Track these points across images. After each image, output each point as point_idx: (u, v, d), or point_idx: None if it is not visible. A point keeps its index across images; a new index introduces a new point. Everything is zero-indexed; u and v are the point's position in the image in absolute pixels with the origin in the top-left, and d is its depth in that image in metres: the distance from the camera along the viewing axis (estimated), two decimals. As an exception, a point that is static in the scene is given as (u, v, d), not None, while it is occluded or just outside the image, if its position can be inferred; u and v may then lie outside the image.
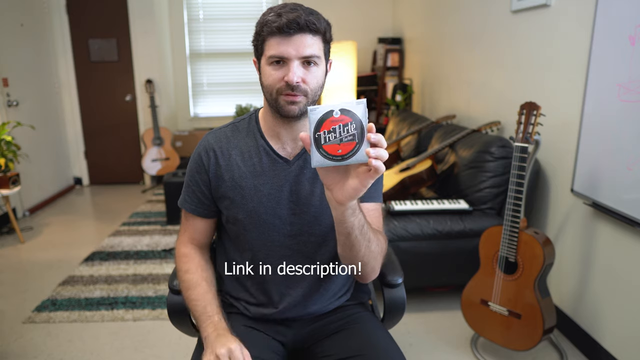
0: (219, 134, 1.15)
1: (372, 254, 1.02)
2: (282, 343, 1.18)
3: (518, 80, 2.46)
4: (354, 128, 0.79)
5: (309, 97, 1.02)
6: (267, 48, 1.01)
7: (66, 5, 4.52)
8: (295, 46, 0.97)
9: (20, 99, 3.85)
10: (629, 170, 1.63)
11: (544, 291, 1.81)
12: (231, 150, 1.12)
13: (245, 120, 1.17)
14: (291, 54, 0.98)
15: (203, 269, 1.15)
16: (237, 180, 1.11)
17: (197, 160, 1.14)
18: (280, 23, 0.96)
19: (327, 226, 1.12)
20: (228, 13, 5.05)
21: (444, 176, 2.61)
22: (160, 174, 4.72)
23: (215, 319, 1.05)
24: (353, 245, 0.98)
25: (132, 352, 2.07)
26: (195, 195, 1.15)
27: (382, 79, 4.67)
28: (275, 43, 0.98)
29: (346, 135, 0.80)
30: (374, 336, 1.12)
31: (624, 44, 1.64)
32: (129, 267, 2.92)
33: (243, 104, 4.72)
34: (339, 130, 0.80)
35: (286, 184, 1.10)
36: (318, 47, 1.01)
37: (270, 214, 1.10)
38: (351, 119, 0.79)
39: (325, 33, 1.01)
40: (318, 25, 0.99)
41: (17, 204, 3.80)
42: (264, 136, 1.12)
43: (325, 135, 0.80)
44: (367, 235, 0.98)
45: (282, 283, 1.15)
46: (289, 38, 0.97)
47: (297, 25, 0.96)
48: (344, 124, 0.80)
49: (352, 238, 0.96)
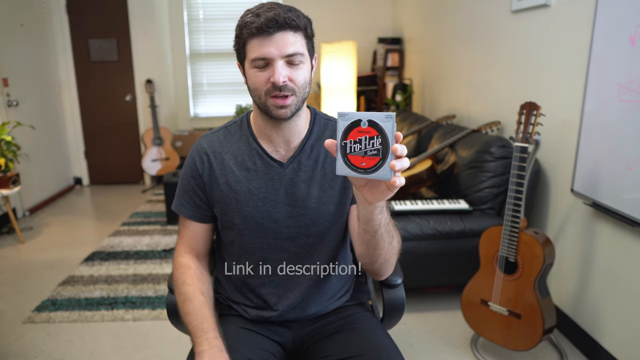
0: (211, 138, 1.14)
1: (393, 250, 1.02)
2: (280, 344, 1.17)
3: (518, 80, 2.46)
4: (379, 143, 0.78)
5: (298, 96, 1.01)
6: (249, 51, 0.99)
7: (66, 5, 4.52)
8: (277, 45, 0.96)
9: (20, 99, 3.85)
10: (629, 170, 1.63)
11: (544, 291, 1.81)
12: (224, 155, 1.11)
13: (237, 123, 1.15)
14: (274, 54, 0.96)
15: (200, 280, 1.11)
16: (231, 184, 1.09)
17: (192, 165, 1.13)
18: (259, 23, 0.94)
19: (324, 227, 1.12)
20: (228, 13, 5.05)
21: (444, 176, 2.61)
22: (160, 174, 4.72)
23: (210, 335, 1.01)
24: (378, 243, 0.97)
25: (132, 352, 2.07)
26: (192, 200, 1.13)
27: (382, 79, 4.67)
28: (257, 44, 0.97)
29: (371, 149, 0.78)
30: (374, 337, 1.11)
31: (624, 44, 1.64)
32: (129, 267, 2.92)
33: (243, 104, 4.73)
34: (365, 142, 0.78)
35: (281, 187, 1.09)
36: (301, 44, 0.99)
37: (266, 218, 1.09)
38: (378, 132, 0.78)
39: (306, 29, 1.00)
40: (298, 22, 0.97)
41: (17, 204, 3.80)
42: (256, 139, 1.11)
43: (351, 145, 0.79)
44: (391, 232, 0.98)
45: (281, 285, 1.14)
46: (269, 38, 0.95)
47: (276, 23, 0.94)
48: (370, 137, 0.78)
49: (377, 236, 0.95)
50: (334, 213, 1.12)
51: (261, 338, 1.14)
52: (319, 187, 1.10)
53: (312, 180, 1.10)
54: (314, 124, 1.13)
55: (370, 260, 1.04)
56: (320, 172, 1.10)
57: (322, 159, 1.11)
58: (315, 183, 1.10)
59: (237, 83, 5.24)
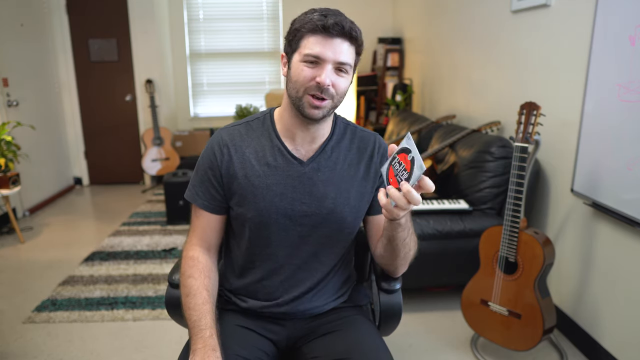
0: (232, 131, 1.15)
1: (409, 256, 1.12)
2: (274, 342, 1.18)
3: (518, 80, 2.46)
4: (406, 177, 0.88)
5: (335, 102, 1.05)
6: (303, 45, 1.01)
7: (66, 5, 4.52)
8: (334, 50, 0.99)
9: (20, 99, 3.85)
10: (629, 170, 1.63)
11: (544, 291, 1.81)
12: (245, 149, 1.12)
13: (259, 119, 1.17)
14: (329, 56, 0.99)
15: (207, 276, 1.11)
16: (250, 178, 1.11)
17: (210, 155, 1.13)
18: (327, 23, 0.98)
19: (336, 229, 1.14)
20: (228, 13, 5.05)
21: (444, 176, 2.61)
22: (160, 174, 4.72)
23: (206, 333, 1.01)
24: (393, 250, 1.08)
25: (132, 352, 2.07)
26: (208, 191, 1.14)
27: (382, 79, 4.67)
28: (315, 42, 1.00)
29: (400, 177, 0.90)
30: (363, 340, 1.12)
31: (624, 44, 1.64)
32: (129, 267, 2.92)
33: (243, 104, 4.72)
34: (401, 169, 0.90)
35: (300, 184, 1.11)
36: (352, 57, 1.03)
37: (281, 214, 1.10)
38: (410, 171, 0.88)
39: (360, 45, 1.04)
40: (358, 36, 1.02)
41: (17, 204, 3.80)
42: (279, 136, 1.13)
43: (397, 162, 0.91)
44: (409, 245, 1.07)
45: (284, 281, 1.15)
46: (330, 40, 0.99)
47: (342, 29, 0.99)
48: (405, 169, 0.89)
49: (393, 245, 1.05)
50: (347, 216, 1.14)
51: (255, 336, 1.15)
52: (336, 189, 1.12)
53: (330, 182, 1.12)
54: (335, 128, 1.16)
55: (387, 262, 1.15)
56: (339, 175, 1.13)
57: (341, 163, 1.14)
58: (332, 184, 1.12)
59: (237, 83, 5.24)
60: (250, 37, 5.12)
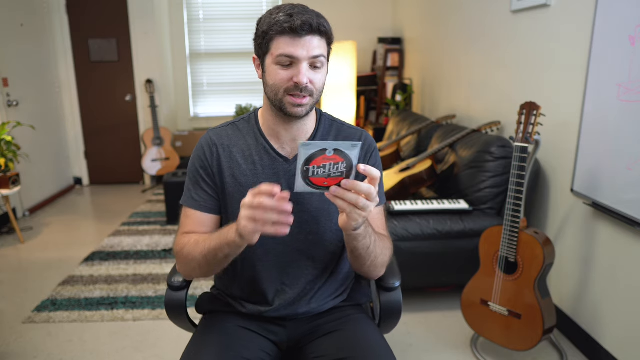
0: (220, 132, 1.16)
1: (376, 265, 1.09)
2: (275, 343, 1.18)
3: (518, 80, 2.46)
4: (343, 167, 0.82)
5: (315, 97, 1.05)
6: (274, 47, 1.01)
7: (66, 5, 4.52)
8: (306, 48, 0.99)
9: (20, 99, 3.85)
10: (629, 170, 1.63)
11: (544, 291, 1.81)
12: (232, 148, 1.13)
13: (245, 120, 1.18)
14: (302, 55, 0.99)
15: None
16: (237, 177, 1.11)
17: (201, 155, 1.14)
18: (294, 24, 0.97)
19: (326, 226, 1.13)
20: (228, 13, 5.05)
21: (444, 176, 2.61)
22: (160, 174, 4.72)
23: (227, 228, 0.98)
24: (357, 259, 1.06)
25: (132, 352, 2.07)
26: (204, 192, 1.13)
27: (382, 79, 4.67)
28: (285, 43, 0.99)
29: (335, 172, 0.83)
30: (366, 338, 1.12)
31: (624, 44, 1.64)
32: (129, 267, 2.92)
33: (243, 104, 4.73)
34: (329, 167, 0.82)
35: (285, 183, 1.11)
36: (324, 48, 1.03)
37: None
38: (343, 159, 0.81)
39: (330, 36, 1.04)
40: (327, 28, 1.02)
41: (17, 204, 3.80)
42: (264, 135, 1.14)
43: (315, 170, 0.83)
44: (374, 253, 1.04)
45: (278, 281, 1.15)
46: (299, 39, 0.99)
47: (309, 27, 0.98)
48: (334, 163, 0.82)
49: (356, 254, 1.04)
50: (335, 213, 1.13)
51: (257, 337, 1.15)
52: None
53: None
54: (320, 124, 1.16)
55: (357, 269, 1.13)
56: None
57: None
58: None
59: (237, 83, 5.23)
60: (250, 37, 5.03)
